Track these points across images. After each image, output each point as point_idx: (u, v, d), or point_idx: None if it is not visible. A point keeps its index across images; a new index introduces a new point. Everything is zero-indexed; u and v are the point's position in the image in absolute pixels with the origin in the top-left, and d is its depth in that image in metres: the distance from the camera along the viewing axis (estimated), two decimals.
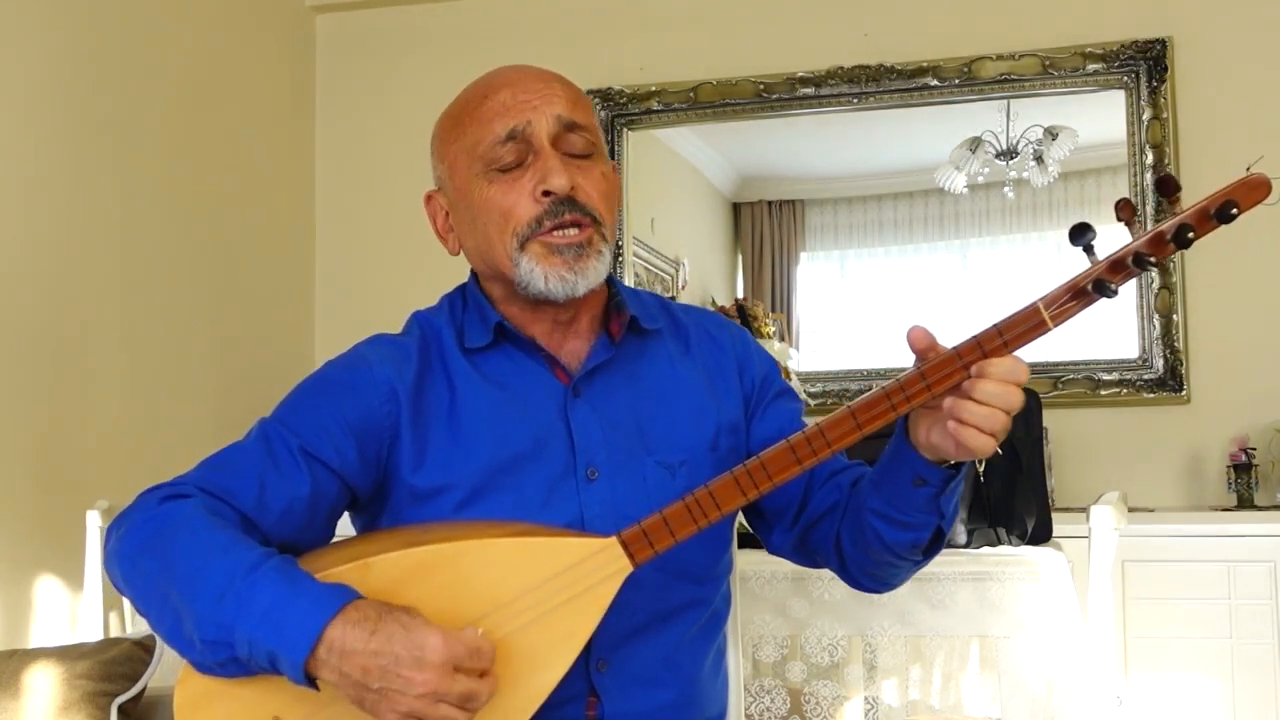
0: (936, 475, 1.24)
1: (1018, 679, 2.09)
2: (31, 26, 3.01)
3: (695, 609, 1.40)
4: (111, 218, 3.26)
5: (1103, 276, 1.17)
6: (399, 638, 1.10)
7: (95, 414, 3.17)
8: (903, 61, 3.77)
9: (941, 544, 1.32)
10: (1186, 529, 3.19)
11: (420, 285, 4.13)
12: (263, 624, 1.12)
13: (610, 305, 1.43)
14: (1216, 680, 3.07)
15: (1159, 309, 3.57)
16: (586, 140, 1.36)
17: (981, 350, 1.17)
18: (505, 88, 1.38)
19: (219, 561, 1.17)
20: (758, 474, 1.20)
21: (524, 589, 1.19)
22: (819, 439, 1.19)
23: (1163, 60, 3.58)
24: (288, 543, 1.28)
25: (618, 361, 1.40)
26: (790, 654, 2.17)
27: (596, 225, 1.34)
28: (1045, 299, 1.19)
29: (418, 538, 1.24)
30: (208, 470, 1.30)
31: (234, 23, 3.82)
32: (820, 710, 2.15)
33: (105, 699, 1.88)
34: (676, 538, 1.21)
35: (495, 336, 1.38)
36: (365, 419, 1.32)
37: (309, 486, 1.29)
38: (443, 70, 4.39)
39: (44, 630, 2.96)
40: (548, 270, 1.32)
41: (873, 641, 2.15)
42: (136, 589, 1.23)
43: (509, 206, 1.33)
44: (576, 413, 1.36)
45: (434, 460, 1.33)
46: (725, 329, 1.50)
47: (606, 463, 1.35)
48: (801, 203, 4.08)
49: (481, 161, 1.35)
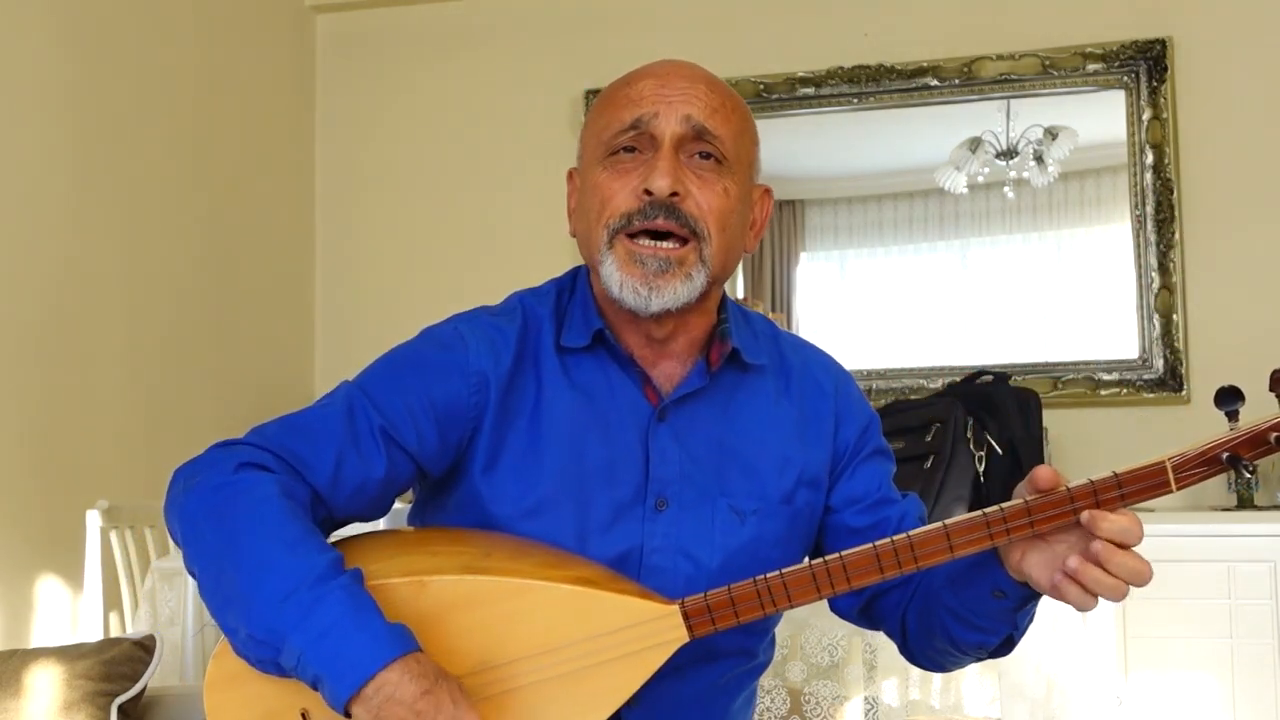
0: (1018, 593, 1.20)
1: (1018, 679, 2.09)
2: (33, 27, 3.01)
3: (739, 657, 1.37)
4: (112, 218, 3.26)
5: (1238, 452, 1.12)
6: (446, 709, 1.08)
7: (95, 414, 3.17)
8: (903, 61, 3.77)
9: (1010, 649, 1.29)
10: (1186, 529, 3.18)
11: (420, 285, 4.16)
12: (318, 645, 1.09)
13: (715, 332, 1.35)
14: (1216, 680, 3.07)
15: (1159, 309, 3.57)
16: (717, 150, 1.28)
17: (1095, 498, 1.12)
18: (650, 78, 1.30)
19: (287, 560, 1.13)
20: (837, 574, 1.16)
21: (576, 639, 1.17)
22: (907, 552, 1.15)
23: (1163, 60, 3.58)
24: (353, 515, 1.27)
25: (711, 392, 1.33)
26: (790, 654, 2.17)
27: (697, 240, 1.26)
28: (1175, 461, 1.12)
29: (478, 562, 1.21)
30: (287, 434, 1.25)
31: (234, 23, 3.82)
32: (820, 710, 2.15)
33: (105, 699, 1.88)
34: (740, 619, 1.18)
35: (593, 341, 1.32)
36: (452, 405, 1.28)
37: (384, 470, 1.26)
38: (443, 70, 4.42)
39: (44, 630, 2.96)
40: (624, 278, 1.26)
41: (873, 641, 2.15)
42: (193, 551, 1.20)
43: (610, 195, 1.27)
44: (658, 439, 1.31)
45: (507, 463, 1.29)
46: (830, 374, 1.43)
47: (677, 497, 1.30)
48: (801, 203, 4.08)
49: (604, 146, 1.30)
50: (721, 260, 1.29)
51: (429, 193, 4.13)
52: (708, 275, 1.28)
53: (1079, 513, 1.11)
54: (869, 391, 3.75)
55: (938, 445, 2.96)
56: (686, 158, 1.27)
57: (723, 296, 1.38)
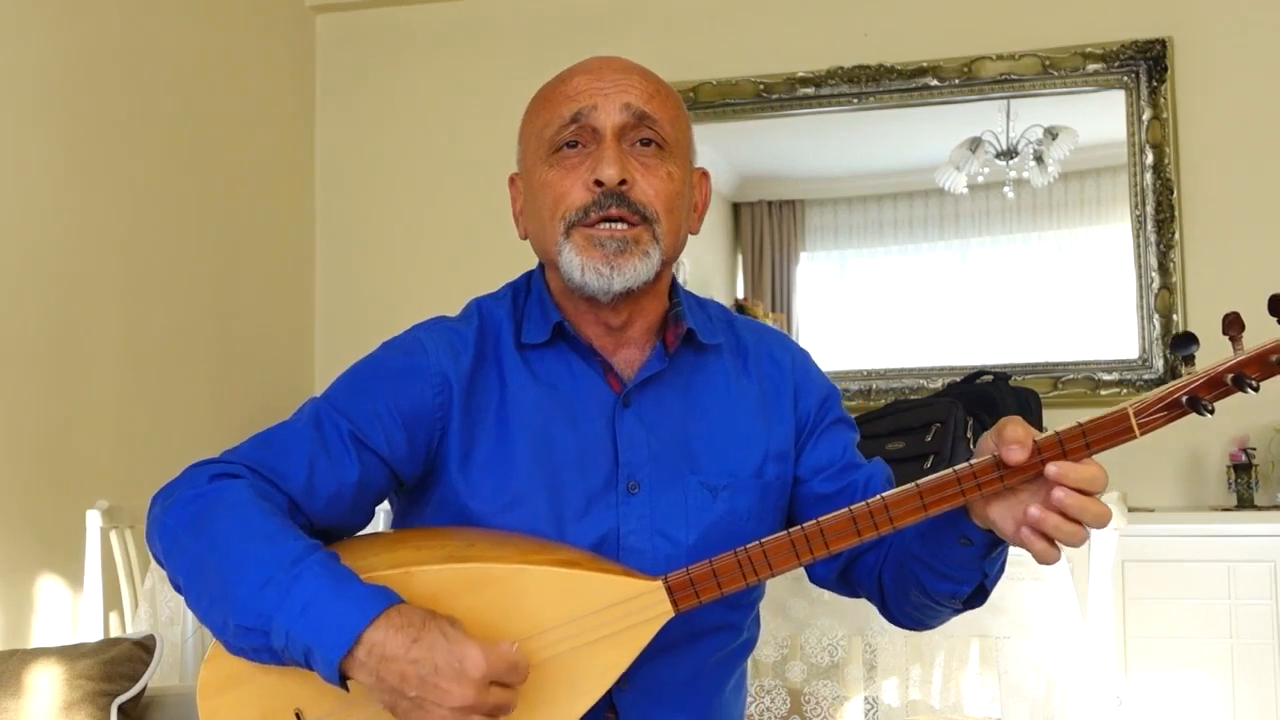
0: (983, 539, 1.22)
1: (1018, 679, 2.09)
2: (32, 26, 3.01)
3: (724, 634, 1.39)
4: (112, 218, 3.26)
5: (1198, 394, 1.15)
6: (440, 648, 1.09)
7: (95, 414, 3.17)
8: (903, 61, 3.77)
9: (984, 598, 1.31)
10: (1186, 529, 3.18)
11: (420, 285, 4.16)
12: (303, 618, 1.11)
13: (669, 315, 1.39)
14: (1216, 680, 3.07)
15: (1159, 309, 3.57)
16: (658, 135, 1.33)
17: (1062, 449, 1.14)
18: (584, 74, 1.35)
19: (264, 549, 1.16)
20: (815, 539, 1.18)
21: (564, 619, 1.18)
22: (882, 514, 1.17)
23: (1163, 60, 3.58)
24: (331, 527, 1.28)
25: (671, 374, 1.37)
26: (790, 654, 2.17)
27: (647, 224, 1.31)
28: (1136, 406, 1.16)
29: (461, 551, 1.23)
30: (258, 448, 1.28)
31: (234, 23, 3.82)
32: (820, 710, 2.15)
33: (105, 699, 1.88)
34: (723, 591, 1.20)
35: (553, 335, 1.36)
36: (417, 407, 1.31)
37: (358, 473, 1.28)
38: (443, 70, 4.42)
39: (44, 630, 2.96)
40: (585, 261, 1.30)
41: (873, 641, 2.15)
42: (176, 564, 1.22)
43: (562, 192, 1.31)
44: (624, 424, 1.34)
45: (479, 459, 1.32)
46: (787, 350, 1.47)
47: (649, 479, 1.33)
48: (801, 203, 4.08)
49: (547, 144, 1.33)
50: (671, 241, 1.34)
51: (429, 192, 4.13)
52: (661, 254, 1.32)
53: (1045, 464, 1.14)
54: (869, 391, 3.75)
55: (938, 445, 2.96)
56: (629, 146, 1.32)
57: (674, 283, 1.42)
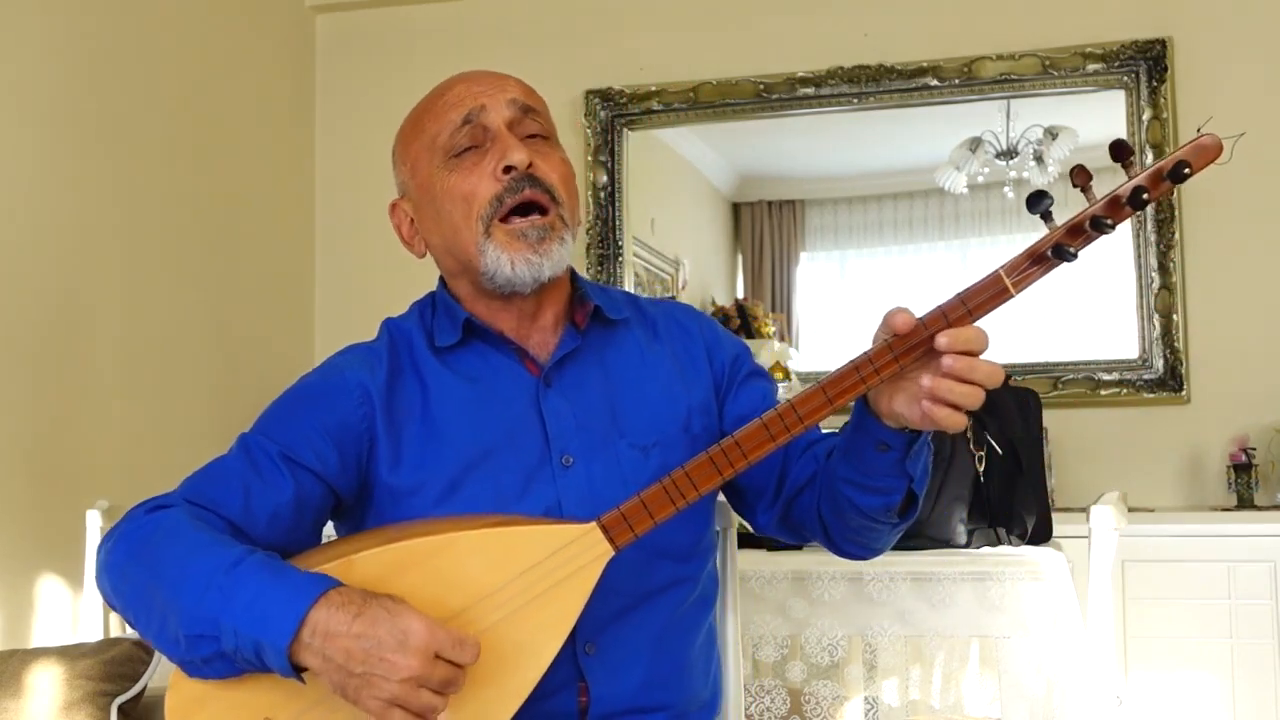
0: (899, 440, 1.24)
1: (1018, 679, 2.09)
2: (32, 27, 3.01)
3: (680, 588, 1.41)
4: (112, 218, 3.26)
5: (1061, 241, 1.20)
6: (383, 621, 1.11)
7: (95, 414, 3.17)
8: (903, 61, 3.77)
9: (916, 506, 1.33)
10: (1186, 529, 3.19)
11: (420, 285, 4.12)
12: (247, 612, 1.14)
13: (574, 298, 1.45)
14: (1216, 680, 3.07)
15: (1159, 309, 3.57)
16: (543, 125, 1.40)
17: (946, 320, 1.17)
18: (460, 83, 1.41)
19: (202, 559, 1.19)
20: (732, 452, 1.20)
21: (506, 579, 1.20)
22: (791, 415, 1.20)
23: (1163, 60, 3.58)
24: (277, 548, 1.30)
25: (586, 350, 1.42)
26: (790, 654, 2.17)
27: (556, 205, 1.36)
28: (1006, 266, 1.20)
29: (398, 534, 1.26)
30: (193, 484, 1.33)
31: (234, 23, 3.82)
32: (820, 710, 2.15)
33: (105, 699, 1.88)
34: (655, 520, 1.22)
35: (465, 334, 1.40)
36: (342, 423, 1.35)
37: (292, 491, 1.31)
38: (443, 70, 4.37)
39: (44, 630, 2.96)
40: (513, 255, 1.34)
41: (873, 641, 2.15)
42: (125, 598, 1.25)
43: (470, 190, 1.35)
44: (548, 402, 1.38)
45: (410, 458, 1.35)
46: (694, 317, 1.53)
47: (580, 449, 1.37)
48: (801, 203, 4.08)
49: (442, 152, 1.38)
50: (573, 222, 1.40)
51: None
52: (571, 237, 1.38)
53: (934, 338, 1.16)
54: None
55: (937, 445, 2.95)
56: (520, 139, 1.37)
57: (571, 269, 1.45)
